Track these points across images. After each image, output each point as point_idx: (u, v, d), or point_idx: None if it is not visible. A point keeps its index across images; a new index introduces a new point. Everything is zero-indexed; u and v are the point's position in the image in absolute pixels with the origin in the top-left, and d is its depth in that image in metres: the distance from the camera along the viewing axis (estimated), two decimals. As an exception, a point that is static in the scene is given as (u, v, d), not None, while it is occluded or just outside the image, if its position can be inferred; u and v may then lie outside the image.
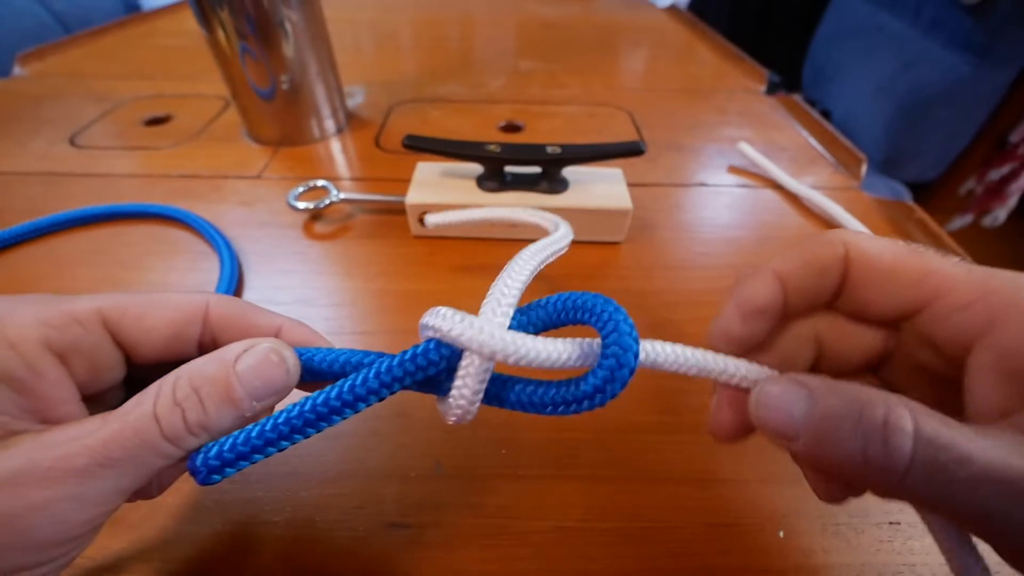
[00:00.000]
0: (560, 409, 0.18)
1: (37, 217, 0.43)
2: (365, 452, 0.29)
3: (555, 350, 0.18)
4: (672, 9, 1.07)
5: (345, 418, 0.18)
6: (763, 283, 0.18)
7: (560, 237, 0.29)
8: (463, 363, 0.18)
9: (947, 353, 0.16)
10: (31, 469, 0.14)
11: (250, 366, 0.17)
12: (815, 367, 0.19)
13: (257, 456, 0.17)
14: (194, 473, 0.17)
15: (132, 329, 0.18)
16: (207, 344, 0.20)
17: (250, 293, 0.39)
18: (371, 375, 0.18)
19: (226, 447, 0.17)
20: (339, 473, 0.28)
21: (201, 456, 0.17)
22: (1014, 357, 0.14)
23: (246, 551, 0.25)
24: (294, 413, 0.17)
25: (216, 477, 0.17)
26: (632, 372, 0.17)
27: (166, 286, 0.39)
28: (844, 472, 0.14)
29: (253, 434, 0.17)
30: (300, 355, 0.19)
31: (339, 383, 0.18)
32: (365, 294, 0.39)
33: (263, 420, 0.18)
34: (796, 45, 1.53)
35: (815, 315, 0.19)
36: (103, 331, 0.17)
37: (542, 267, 0.24)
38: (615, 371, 0.17)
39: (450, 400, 0.19)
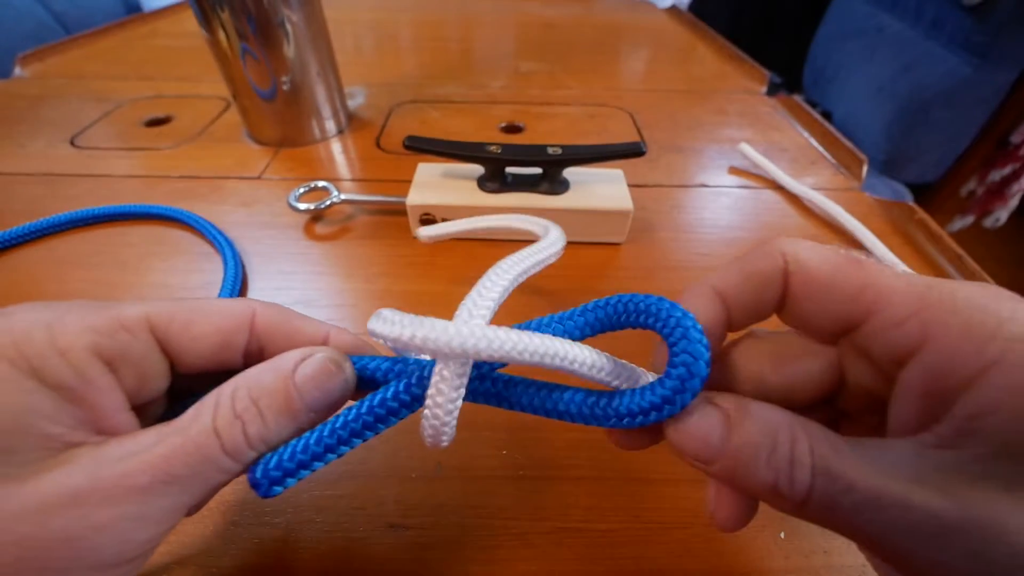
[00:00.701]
0: (623, 421, 0.17)
1: (38, 218, 0.43)
2: (366, 453, 0.29)
3: (569, 351, 0.17)
4: (673, 10, 1.07)
5: (402, 418, 0.18)
6: (702, 301, 0.17)
7: (550, 244, 0.27)
8: (433, 372, 0.17)
9: (884, 372, 0.15)
10: (93, 488, 0.14)
11: (308, 376, 0.17)
12: (764, 388, 0.18)
13: (317, 464, 0.17)
14: (255, 486, 0.16)
15: (180, 336, 0.17)
16: (253, 353, 0.19)
17: (251, 294, 0.39)
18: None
19: (286, 457, 0.16)
20: (339, 474, 0.28)
21: (261, 468, 0.16)
22: (937, 376, 0.13)
23: (247, 553, 0.25)
24: (351, 416, 0.17)
25: (277, 489, 0.16)
26: (703, 382, 0.15)
27: (168, 288, 0.39)
28: (754, 496, 0.15)
29: (312, 441, 0.17)
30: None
31: (394, 383, 0.18)
32: (366, 295, 0.39)
33: (320, 426, 0.17)
34: (797, 46, 1.53)
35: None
36: (151, 338, 0.17)
37: (530, 273, 0.22)
38: (686, 381, 0.15)
39: (424, 414, 0.17)
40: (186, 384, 0.18)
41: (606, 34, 0.95)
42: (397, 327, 0.16)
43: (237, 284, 0.38)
